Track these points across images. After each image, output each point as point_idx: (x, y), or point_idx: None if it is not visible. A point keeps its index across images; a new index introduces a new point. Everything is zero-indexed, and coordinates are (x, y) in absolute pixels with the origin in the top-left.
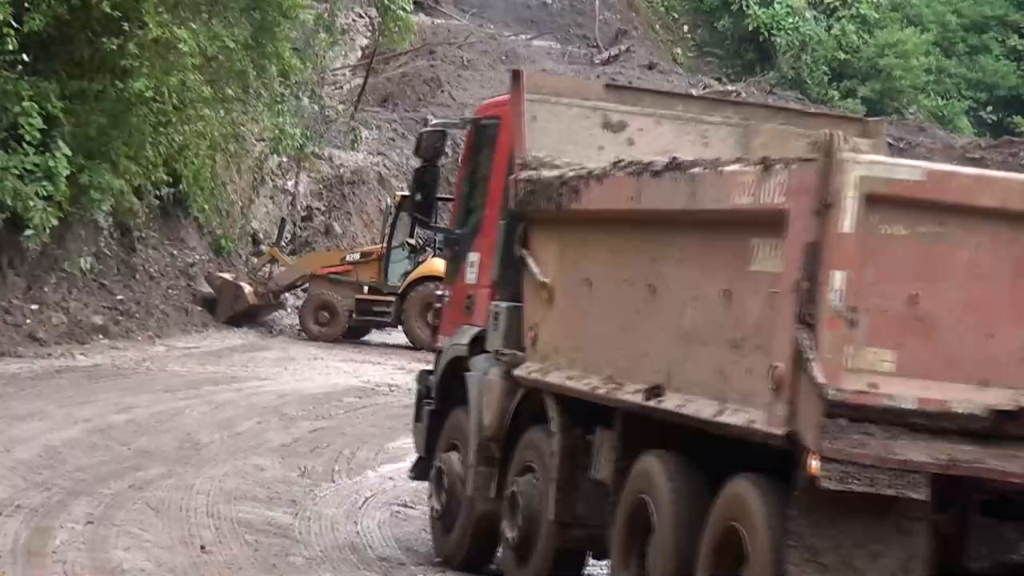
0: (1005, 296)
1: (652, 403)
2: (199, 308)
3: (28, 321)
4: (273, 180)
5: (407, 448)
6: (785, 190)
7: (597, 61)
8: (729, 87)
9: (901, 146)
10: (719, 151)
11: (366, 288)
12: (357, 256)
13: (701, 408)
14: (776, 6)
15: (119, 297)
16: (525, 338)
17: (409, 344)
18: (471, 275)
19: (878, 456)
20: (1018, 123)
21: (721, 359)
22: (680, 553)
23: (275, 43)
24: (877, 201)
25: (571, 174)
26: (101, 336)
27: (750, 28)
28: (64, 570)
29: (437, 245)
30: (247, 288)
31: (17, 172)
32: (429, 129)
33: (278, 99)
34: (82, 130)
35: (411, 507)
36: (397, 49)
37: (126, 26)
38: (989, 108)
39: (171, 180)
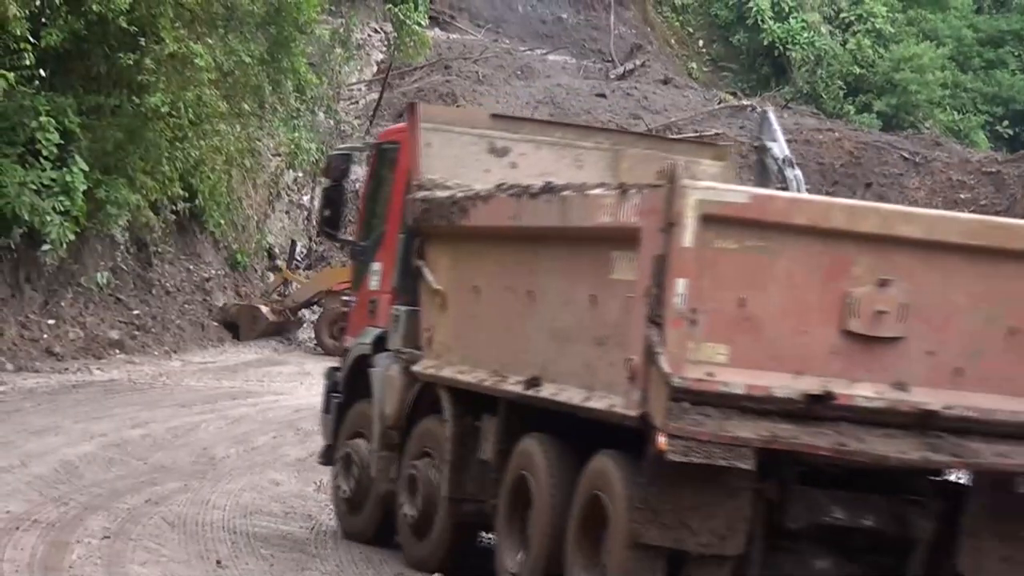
0: (816, 299)
1: (531, 392)
2: (215, 323)
3: (45, 336)
4: (289, 195)
5: None
6: (638, 211)
7: (612, 76)
8: (744, 102)
9: (917, 160)
10: (592, 173)
11: None
12: None
13: (572, 396)
14: (791, 21)
15: (135, 312)
16: (422, 338)
17: None
18: (374, 282)
19: (714, 433)
20: None
21: (588, 354)
22: (555, 520)
23: (291, 58)
24: (711, 220)
25: (460, 195)
26: (117, 351)
27: (765, 43)
28: None
29: None
30: (264, 308)
31: (34, 187)
32: (336, 152)
33: (294, 114)
34: (99, 145)
35: None
36: (412, 64)
37: (143, 41)
38: (1005, 122)
39: (187, 195)
